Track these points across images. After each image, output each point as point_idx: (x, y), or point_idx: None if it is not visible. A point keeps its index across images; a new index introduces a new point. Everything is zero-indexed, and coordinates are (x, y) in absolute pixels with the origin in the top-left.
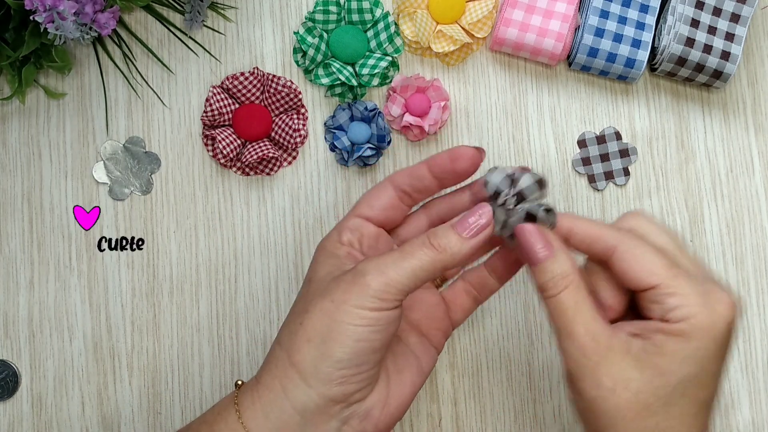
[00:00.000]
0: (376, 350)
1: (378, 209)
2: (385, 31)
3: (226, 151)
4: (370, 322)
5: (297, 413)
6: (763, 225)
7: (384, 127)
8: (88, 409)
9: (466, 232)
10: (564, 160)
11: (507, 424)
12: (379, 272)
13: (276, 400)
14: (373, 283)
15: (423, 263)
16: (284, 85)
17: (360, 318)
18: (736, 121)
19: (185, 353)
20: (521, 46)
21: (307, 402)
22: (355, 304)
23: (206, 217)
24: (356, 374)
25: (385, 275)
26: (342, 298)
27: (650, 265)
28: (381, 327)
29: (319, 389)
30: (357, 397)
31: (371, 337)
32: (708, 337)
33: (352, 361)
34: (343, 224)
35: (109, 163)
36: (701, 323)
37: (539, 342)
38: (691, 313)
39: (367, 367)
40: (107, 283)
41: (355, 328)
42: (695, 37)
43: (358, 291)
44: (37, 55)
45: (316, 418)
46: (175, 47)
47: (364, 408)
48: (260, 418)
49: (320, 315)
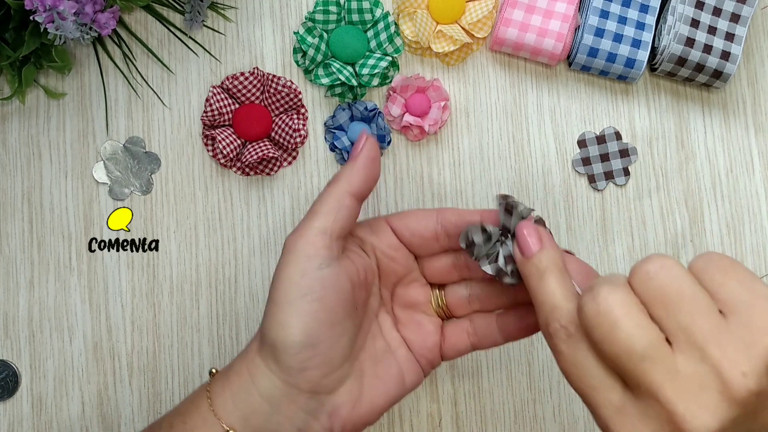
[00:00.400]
0: (329, 323)
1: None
2: (385, 31)
3: (226, 151)
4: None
5: (265, 401)
6: (763, 225)
7: (384, 127)
8: (88, 409)
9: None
10: (564, 160)
11: (507, 424)
12: (312, 219)
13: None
14: (310, 232)
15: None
16: (284, 85)
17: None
18: (736, 121)
19: (185, 353)
20: (521, 46)
21: (272, 389)
22: (300, 253)
23: (206, 217)
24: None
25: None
26: (295, 247)
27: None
28: (318, 279)
29: (282, 376)
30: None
31: (321, 296)
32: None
33: (304, 342)
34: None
35: (109, 163)
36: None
37: (539, 342)
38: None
39: (324, 348)
40: (107, 283)
41: (305, 281)
42: (695, 37)
43: (305, 234)
44: (37, 55)
45: (284, 407)
46: (175, 47)
47: (332, 403)
48: (230, 406)
49: (282, 280)
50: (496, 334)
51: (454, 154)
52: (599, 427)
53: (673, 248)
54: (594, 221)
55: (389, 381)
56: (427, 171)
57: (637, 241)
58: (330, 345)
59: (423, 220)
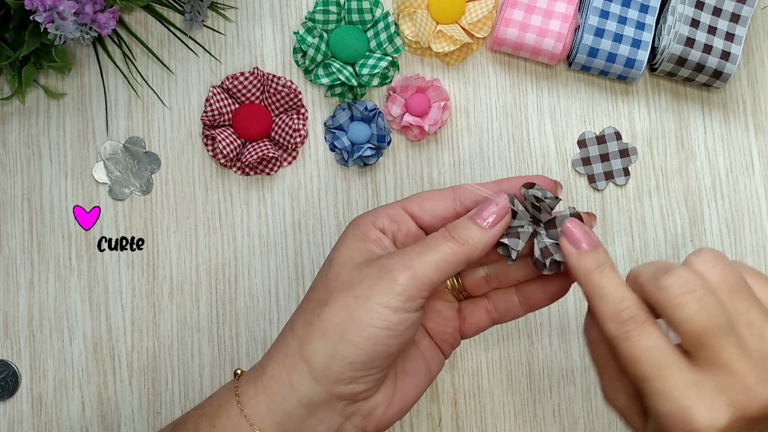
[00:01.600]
0: (391, 355)
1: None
2: (385, 31)
3: (226, 151)
4: (390, 324)
5: (302, 406)
6: (763, 225)
7: (384, 127)
8: (88, 409)
9: (485, 222)
10: (564, 160)
11: (507, 424)
12: (405, 267)
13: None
14: (400, 278)
15: (447, 256)
16: (284, 85)
17: (381, 319)
18: (736, 121)
19: (185, 353)
20: (521, 46)
21: (313, 396)
22: (379, 302)
23: (206, 217)
24: (366, 375)
25: (411, 269)
26: (366, 294)
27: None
28: (400, 331)
29: (327, 386)
30: (363, 396)
31: (389, 342)
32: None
33: (365, 364)
34: (383, 210)
35: (109, 163)
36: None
37: (539, 342)
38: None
39: (377, 370)
40: (107, 283)
41: (375, 330)
42: (695, 37)
43: (383, 287)
44: (37, 55)
45: (321, 412)
46: (175, 47)
47: (368, 406)
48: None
49: (340, 310)
50: (516, 307)
51: (454, 154)
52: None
53: (673, 248)
54: None
55: (417, 374)
56: (427, 171)
57: (637, 241)
58: (384, 366)
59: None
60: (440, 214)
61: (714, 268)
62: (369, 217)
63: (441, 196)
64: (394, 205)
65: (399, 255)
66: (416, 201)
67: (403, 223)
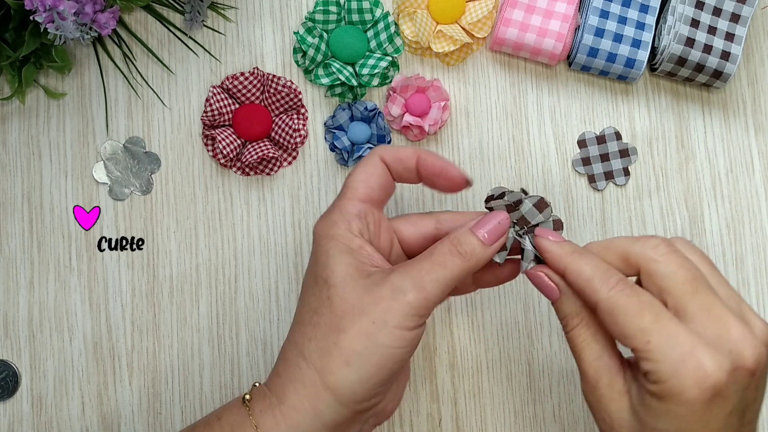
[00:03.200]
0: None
1: (378, 190)
2: (385, 31)
3: (226, 151)
4: (408, 342)
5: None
6: (763, 225)
7: (384, 127)
8: (88, 409)
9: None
10: (564, 160)
11: (507, 424)
12: (417, 288)
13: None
14: (414, 301)
15: (454, 273)
16: (284, 85)
17: (401, 339)
18: (736, 121)
19: (185, 353)
20: (521, 46)
21: (338, 418)
22: (398, 325)
23: (206, 217)
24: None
25: (424, 291)
26: (383, 319)
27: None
28: (415, 344)
29: (353, 407)
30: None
31: (406, 357)
32: (682, 401)
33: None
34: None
35: (109, 163)
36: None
37: (539, 342)
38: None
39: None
40: (107, 283)
41: (396, 351)
42: (695, 37)
43: (399, 311)
44: (37, 55)
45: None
46: (175, 47)
47: (380, 407)
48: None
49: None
50: (468, 283)
51: (454, 154)
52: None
53: None
54: (594, 221)
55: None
56: None
57: None
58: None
59: (373, 169)
60: (384, 183)
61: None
62: (341, 225)
63: (374, 165)
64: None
65: (409, 275)
66: (361, 183)
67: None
